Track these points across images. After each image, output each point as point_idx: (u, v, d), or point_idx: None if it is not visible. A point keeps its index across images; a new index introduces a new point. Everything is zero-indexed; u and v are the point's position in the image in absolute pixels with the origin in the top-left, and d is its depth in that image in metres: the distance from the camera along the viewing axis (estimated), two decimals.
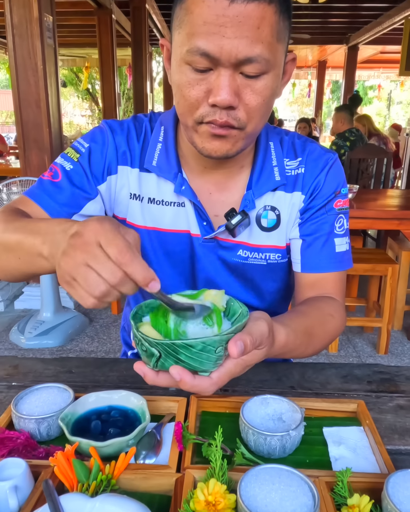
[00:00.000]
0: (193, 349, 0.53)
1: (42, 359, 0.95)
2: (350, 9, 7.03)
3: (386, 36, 8.11)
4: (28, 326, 2.87)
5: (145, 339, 0.54)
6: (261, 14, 0.64)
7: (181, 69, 0.70)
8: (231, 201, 0.88)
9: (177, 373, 0.54)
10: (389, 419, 0.77)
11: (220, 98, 0.67)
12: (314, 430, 0.73)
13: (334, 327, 0.83)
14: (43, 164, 3.11)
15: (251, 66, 0.67)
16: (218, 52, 0.65)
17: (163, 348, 0.53)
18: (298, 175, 0.88)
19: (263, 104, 0.71)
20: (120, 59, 8.47)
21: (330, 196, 0.88)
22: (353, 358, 2.76)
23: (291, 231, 0.90)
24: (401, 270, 2.86)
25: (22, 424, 0.69)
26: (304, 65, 13.24)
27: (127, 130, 0.88)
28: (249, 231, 0.88)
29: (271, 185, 0.86)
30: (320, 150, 0.90)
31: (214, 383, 0.56)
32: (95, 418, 0.70)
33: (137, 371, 0.57)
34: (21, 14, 2.85)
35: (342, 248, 0.90)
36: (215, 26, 0.64)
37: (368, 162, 4.12)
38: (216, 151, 0.75)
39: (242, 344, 0.55)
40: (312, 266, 0.89)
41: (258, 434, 0.65)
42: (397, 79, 15.71)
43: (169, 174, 0.85)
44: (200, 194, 0.87)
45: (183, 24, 0.68)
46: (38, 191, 0.85)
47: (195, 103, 0.70)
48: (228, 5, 0.63)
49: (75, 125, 18.43)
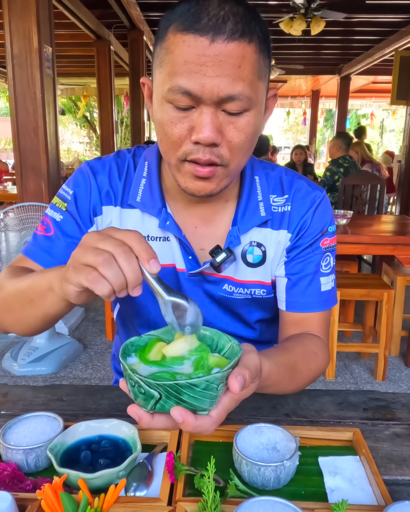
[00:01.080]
0: (197, 389, 0.51)
1: (32, 386, 0.93)
2: (342, 41, 7.27)
3: (377, 67, 8.36)
4: (21, 352, 2.83)
5: (144, 381, 0.51)
6: (242, 53, 0.65)
7: (163, 107, 0.70)
8: (217, 235, 0.87)
9: (180, 415, 0.52)
10: (385, 447, 0.76)
11: (203, 136, 0.67)
12: (309, 460, 0.71)
13: (317, 365, 0.82)
14: (40, 190, 3.14)
15: (233, 103, 0.67)
16: (200, 90, 0.65)
17: (164, 389, 0.51)
18: (284, 213, 0.87)
19: (246, 141, 0.71)
20: (118, 88, 8.66)
21: (316, 235, 0.88)
22: (350, 384, 2.73)
23: (277, 269, 0.90)
24: (396, 296, 2.86)
25: (9, 455, 0.67)
26: (298, 94, 13.56)
27: (109, 169, 0.88)
28: (235, 267, 0.87)
29: (256, 221, 0.85)
30: (307, 188, 0.89)
31: (215, 421, 0.55)
32: (85, 449, 0.68)
33: (131, 415, 0.55)
34: (21, 45, 2.93)
35: (327, 287, 0.89)
36: (196, 65, 0.64)
37: (361, 188, 4.17)
38: (199, 191, 0.75)
39: (242, 379, 0.54)
40: (297, 306, 0.88)
41: (252, 464, 0.64)
42: (389, 108, 16.08)
43: (153, 210, 0.85)
44: (185, 228, 0.86)
45: (164, 63, 0.68)
46: (34, 248, 0.86)
47: (178, 140, 0.70)
48: (209, 44, 0.64)
49: (73, 152, 18.67)
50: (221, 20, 0.64)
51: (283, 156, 17.35)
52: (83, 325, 3.53)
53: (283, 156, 17.42)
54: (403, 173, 6.18)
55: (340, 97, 9.99)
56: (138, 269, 0.55)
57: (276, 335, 0.99)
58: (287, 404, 0.87)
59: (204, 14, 0.64)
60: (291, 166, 6.74)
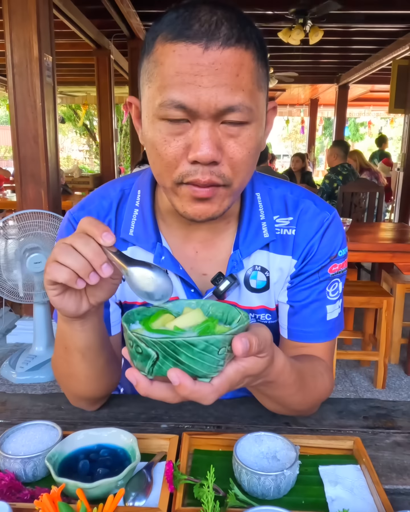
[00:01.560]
0: (195, 348, 0.49)
1: (31, 395, 0.92)
2: (340, 50, 7.33)
3: (375, 76, 8.42)
4: (19, 360, 2.81)
5: (141, 339, 0.49)
6: (239, 61, 0.59)
7: (154, 125, 0.63)
8: (219, 259, 0.81)
9: (177, 376, 0.49)
10: (386, 456, 0.75)
11: (201, 153, 0.61)
12: (309, 469, 0.71)
13: (323, 386, 0.79)
14: (39, 198, 3.14)
15: (232, 115, 0.61)
16: (195, 103, 0.59)
17: (161, 348, 0.49)
18: (288, 236, 0.80)
19: (248, 157, 0.65)
20: (118, 96, 8.71)
21: (324, 262, 0.80)
22: (350, 393, 2.72)
23: (279, 294, 0.84)
24: (396, 303, 2.86)
25: (7, 464, 0.66)
26: (296, 103, 13.63)
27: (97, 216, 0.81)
28: (238, 292, 0.82)
29: (259, 243, 0.79)
30: (315, 209, 0.81)
31: (215, 390, 0.51)
32: (83, 458, 0.67)
33: (129, 377, 0.52)
34: (22, 54, 2.95)
35: (333, 315, 0.83)
36: (189, 76, 0.58)
37: (360, 196, 4.18)
38: (199, 215, 0.68)
39: (247, 341, 0.51)
40: (300, 335, 0.83)
41: (252, 473, 0.63)
42: (387, 116, 16.18)
43: (147, 244, 0.79)
44: (185, 254, 0.81)
45: (154, 77, 0.62)
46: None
47: (173, 161, 0.64)
48: (202, 52, 0.58)
49: (73, 160, 18.73)
50: (214, 25, 0.58)
51: (281, 164, 17.43)
52: None
53: (282, 164, 17.50)
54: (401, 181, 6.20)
55: (338, 105, 10.05)
56: (97, 247, 0.56)
57: None
58: None
59: (195, 20, 0.59)
60: (290, 173, 6.77)
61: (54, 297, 0.62)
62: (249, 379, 0.57)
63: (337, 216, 0.83)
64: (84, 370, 0.76)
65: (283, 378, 0.65)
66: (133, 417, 0.84)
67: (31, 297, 2.69)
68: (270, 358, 0.58)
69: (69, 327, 0.70)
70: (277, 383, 0.66)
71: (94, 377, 0.77)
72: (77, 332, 0.70)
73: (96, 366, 0.76)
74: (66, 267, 0.57)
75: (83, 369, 0.76)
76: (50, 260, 0.59)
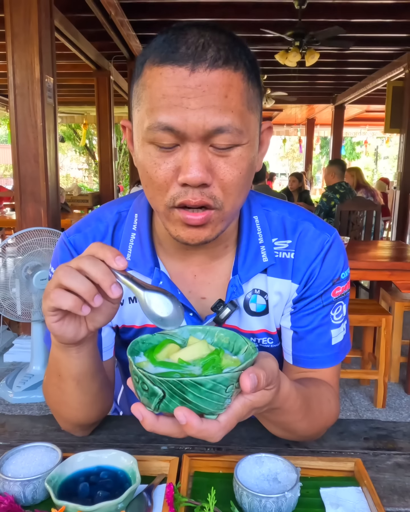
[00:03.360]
0: (202, 388, 0.48)
1: (30, 416, 0.92)
2: (336, 72, 7.48)
3: (370, 96, 8.58)
4: (16, 380, 2.79)
5: (148, 377, 0.49)
6: (227, 82, 0.58)
7: (144, 149, 0.63)
8: (217, 282, 0.80)
9: (183, 415, 0.48)
10: (387, 478, 0.75)
11: (191, 176, 0.60)
12: (310, 491, 0.70)
13: (329, 412, 0.78)
14: (38, 216, 3.16)
15: (222, 137, 0.60)
16: (183, 125, 0.59)
17: (168, 386, 0.48)
18: (286, 260, 0.79)
19: (240, 178, 0.64)
20: (117, 116, 8.82)
21: (327, 285, 0.79)
22: (350, 412, 2.69)
23: (282, 319, 0.82)
24: (394, 321, 2.86)
25: (6, 487, 0.66)
26: (293, 123, 13.84)
27: (93, 239, 0.80)
28: (239, 316, 0.81)
29: (258, 268, 0.78)
30: (314, 231, 0.79)
31: (223, 427, 0.50)
32: (83, 480, 0.67)
33: (134, 413, 0.51)
34: (24, 75, 3.00)
35: (339, 339, 0.81)
36: (176, 98, 0.58)
37: (357, 214, 4.22)
38: (192, 239, 0.67)
39: (255, 378, 0.50)
40: (305, 361, 0.81)
41: (253, 496, 0.63)
42: (383, 136, 16.40)
43: (145, 269, 0.78)
44: (183, 278, 0.80)
45: (142, 100, 0.62)
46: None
47: (164, 184, 0.63)
48: (189, 74, 0.57)
49: (72, 178, 18.87)
50: (200, 48, 0.58)
51: (279, 182, 17.57)
52: None
53: (279, 182, 17.63)
54: (398, 199, 6.26)
55: (334, 125, 10.20)
56: (106, 268, 0.55)
57: None
58: None
59: (182, 43, 0.58)
60: (287, 192, 6.83)
61: (54, 323, 0.60)
62: (256, 410, 0.56)
63: (337, 237, 0.81)
64: (78, 397, 0.74)
65: (289, 404, 0.65)
66: (133, 439, 0.84)
67: (29, 315, 2.68)
68: (277, 389, 0.57)
69: (65, 354, 0.68)
70: (283, 409, 0.65)
71: (88, 403, 0.76)
72: (73, 359, 0.68)
73: (90, 392, 0.75)
74: (71, 293, 0.56)
75: (77, 396, 0.74)
76: (53, 285, 0.57)
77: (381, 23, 5.07)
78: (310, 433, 0.78)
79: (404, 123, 6.01)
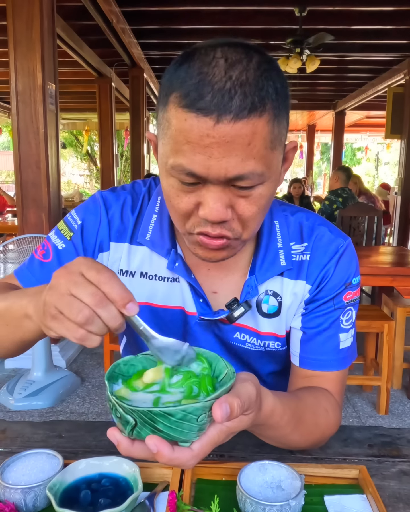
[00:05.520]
0: (172, 418, 0.48)
1: (31, 422, 0.91)
2: (336, 78, 7.52)
3: (370, 103, 8.62)
4: (17, 386, 2.78)
5: (119, 405, 0.49)
6: (251, 130, 0.58)
7: (168, 180, 0.65)
8: (230, 279, 0.81)
9: (154, 444, 0.48)
10: (392, 486, 0.74)
11: (211, 214, 0.63)
12: (314, 499, 0.69)
13: (326, 424, 0.77)
14: (40, 222, 3.16)
15: (243, 182, 0.61)
16: (205, 172, 0.60)
17: (139, 415, 0.48)
18: (302, 262, 0.80)
19: (258, 212, 0.66)
20: (119, 123, 8.87)
21: (339, 288, 0.80)
22: (353, 419, 2.68)
23: (292, 320, 0.83)
24: (397, 327, 2.85)
25: (7, 494, 0.65)
26: (294, 129, 13.88)
27: (123, 203, 0.82)
28: (250, 316, 0.82)
29: (275, 271, 0.79)
30: (330, 236, 0.81)
31: (195, 455, 0.50)
32: (85, 487, 0.66)
33: (110, 438, 0.51)
34: (26, 82, 3.02)
35: (346, 344, 0.82)
36: (200, 147, 0.58)
37: (359, 220, 4.22)
38: (210, 258, 0.70)
39: (227, 407, 0.50)
40: (311, 363, 0.81)
41: (256, 504, 0.62)
42: (384, 142, 16.44)
43: (162, 250, 0.80)
44: (197, 269, 0.81)
45: (167, 137, 0.62)
46: (27, 272, 0.83)
47: (186, 214, 0.66)
48: (213, 125, 0.57)
49: (73, 184, 18.93)
50: (227, 97, 0.56)
51: (280, 188, 17.60)
52: (81, 357, 3.48)
53: (280, 188, 17.68)
54: (399, 205, 6.26)
55: (335, 131, 10.24)
56: (118, 315, 0.53)
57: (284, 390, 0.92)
58: None
59: (208, 89, 0.57)
60: (288, 199, 6.84)
61: (54, 335, 0.57)
62: (234, 433, 0.56)
63: (351, 243, 0.83)
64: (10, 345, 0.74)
65: (274, 420, 0.64)
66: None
67: None
68: (255, 413, 0.57)
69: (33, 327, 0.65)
70: (267, 425, 0.65)
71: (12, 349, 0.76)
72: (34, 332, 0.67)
73: (25, 347, 0.76)
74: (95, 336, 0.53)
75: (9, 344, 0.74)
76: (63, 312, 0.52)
77: (381, 30, 5.10)
78: (305, 445, 0.77)
79: (405, 129, 6.03)
